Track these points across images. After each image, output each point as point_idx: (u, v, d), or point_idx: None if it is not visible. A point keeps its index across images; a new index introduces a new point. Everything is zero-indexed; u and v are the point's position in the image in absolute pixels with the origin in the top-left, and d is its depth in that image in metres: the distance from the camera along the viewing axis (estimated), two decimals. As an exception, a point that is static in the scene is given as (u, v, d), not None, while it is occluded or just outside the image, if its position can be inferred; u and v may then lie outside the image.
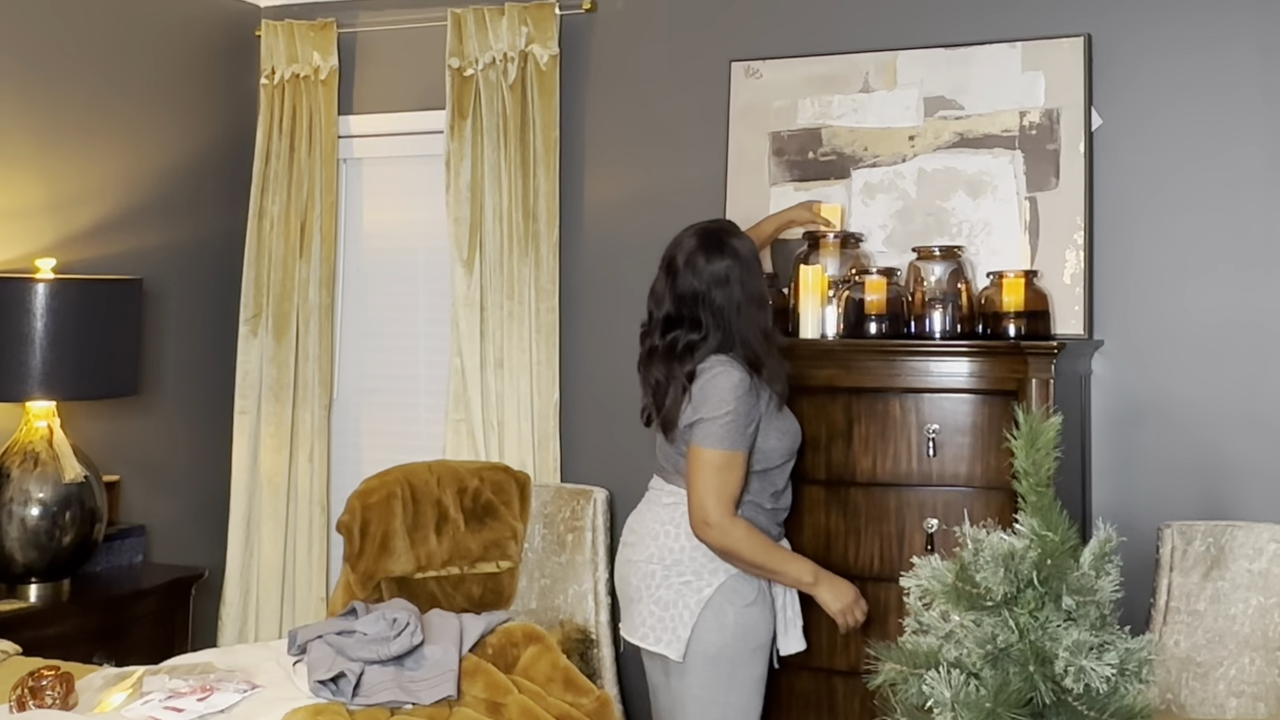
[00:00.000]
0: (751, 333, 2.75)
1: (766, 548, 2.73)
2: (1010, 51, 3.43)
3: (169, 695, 2.47)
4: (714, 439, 2.68)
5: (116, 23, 3.97)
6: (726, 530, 2.68)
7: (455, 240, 3.98)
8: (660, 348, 2.80)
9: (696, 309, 2.76)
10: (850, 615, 2.82)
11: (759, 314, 2.78)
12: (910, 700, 1.60)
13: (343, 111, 4.26)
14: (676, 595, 2.74)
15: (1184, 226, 3.32)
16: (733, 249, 2.78)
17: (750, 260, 2.80)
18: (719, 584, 2.72)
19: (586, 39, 3.99)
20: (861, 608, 2.84)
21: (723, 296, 2.75)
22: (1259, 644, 2.94)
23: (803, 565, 2.80)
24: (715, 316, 2.75)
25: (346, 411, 4.34)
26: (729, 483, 2.69)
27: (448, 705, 2.57)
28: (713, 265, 2.75)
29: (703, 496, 2.68)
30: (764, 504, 2.80)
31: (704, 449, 2.69)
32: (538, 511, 3.70)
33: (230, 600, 4.15)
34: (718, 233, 2.81)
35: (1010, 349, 2.97)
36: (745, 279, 2.77)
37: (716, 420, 2.67)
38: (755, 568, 2.73)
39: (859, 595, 2.83)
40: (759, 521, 2.78)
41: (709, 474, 2.68)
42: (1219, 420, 3.26)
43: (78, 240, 3.81)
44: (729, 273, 2.75)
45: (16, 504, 3.33)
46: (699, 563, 2.74)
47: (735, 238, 2.81)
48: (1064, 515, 1.60)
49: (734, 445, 2.68)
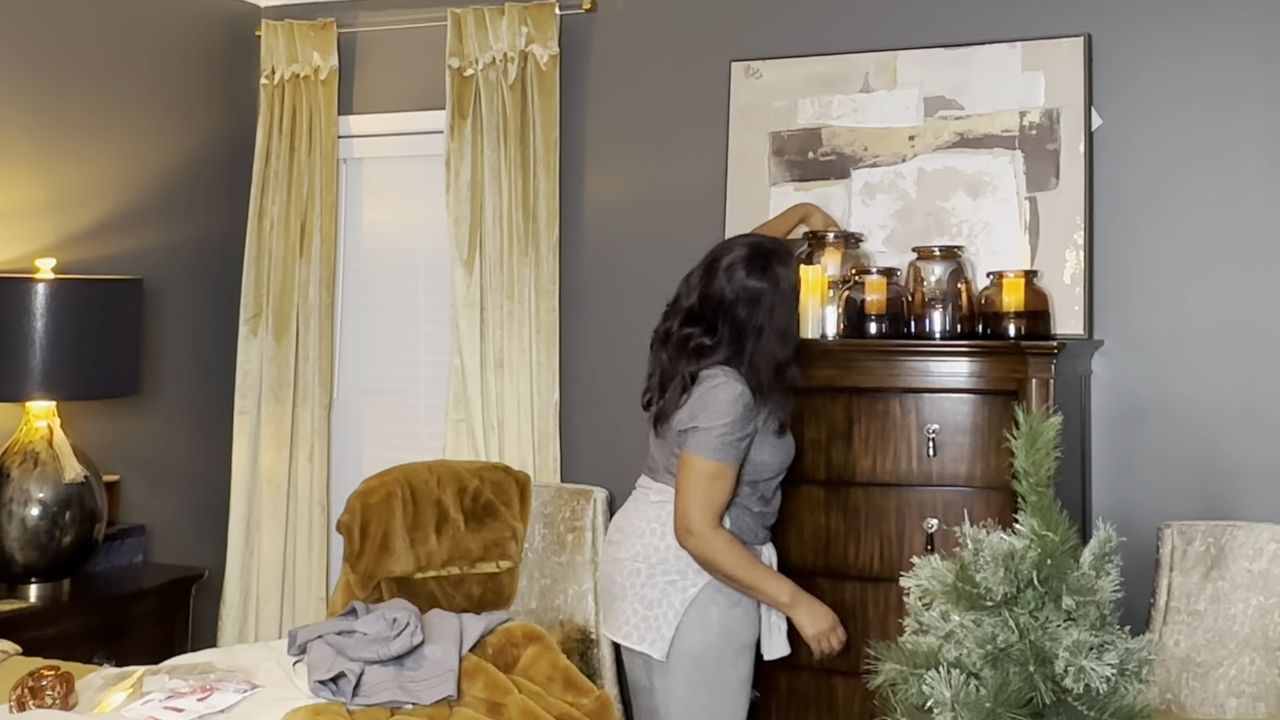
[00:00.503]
0: (763, 361, 2.71)
1: (747, 563, 2.71)
2: (1010, 51, 3.43)
3: (169, 695, 2.47)
4: (706, 449, 2.67)
5: (116, 23, 3.97)
6: (708, 540, 2.67)
7: (455, 240, 3.98)
8: (675, 338, 2.79)
9: (718, 315, 2.73)
10: (825, 641, 2.76)
11: (777, 346, 2.73)
12: (910, 700, 1.60)
13: (343, 111, 4.26)
14: (661, 594, 2.74)
15: (1184, 226, 3.32)
16: (775, 275, 2.73)
17: (788, 293, 2.76)
18: (704, 583, 2.72)
19: (586, 39, 3.99)
20: (839, 636, 2.77)
21: (746, 314, 2.72)
22: (1259, 644, 2.94)
23: (781, 585, 2.75)
24: (733, 330, 2.72)
25: (346, 411, 4.35)
26: (716, 493, 2.68)
27: (448, 705, 2.57)
28: (749, 280, 2.72)
29: (689, 505, 2.68)
30: (751, 507, 2.79)
31: (695, 457, 2.68)
32: (538, 511, 3.70)
33: (230, 600, 4.15)
34: (769, 254, 2.76)
35: (1010, 349, 2.97)
36: (775, 308, 2.73)
37: (712, 431, 2.66)
38: (733, 581, 2.70)
39: (837, 623, 2.77)
40: (745, 522, 2.78)
41: (698, 483, 2.67)
42: (1219, 420, 3.26)
43: (78, 240, 3.81)
44: (761, 295, 2.72)
45: (16, 504, 3.33)
46: (684, 562, 2.73)
47: (783, 265, 2.76)
48: (1064, 515, 1.60)
49: (725, 457, 2.68)
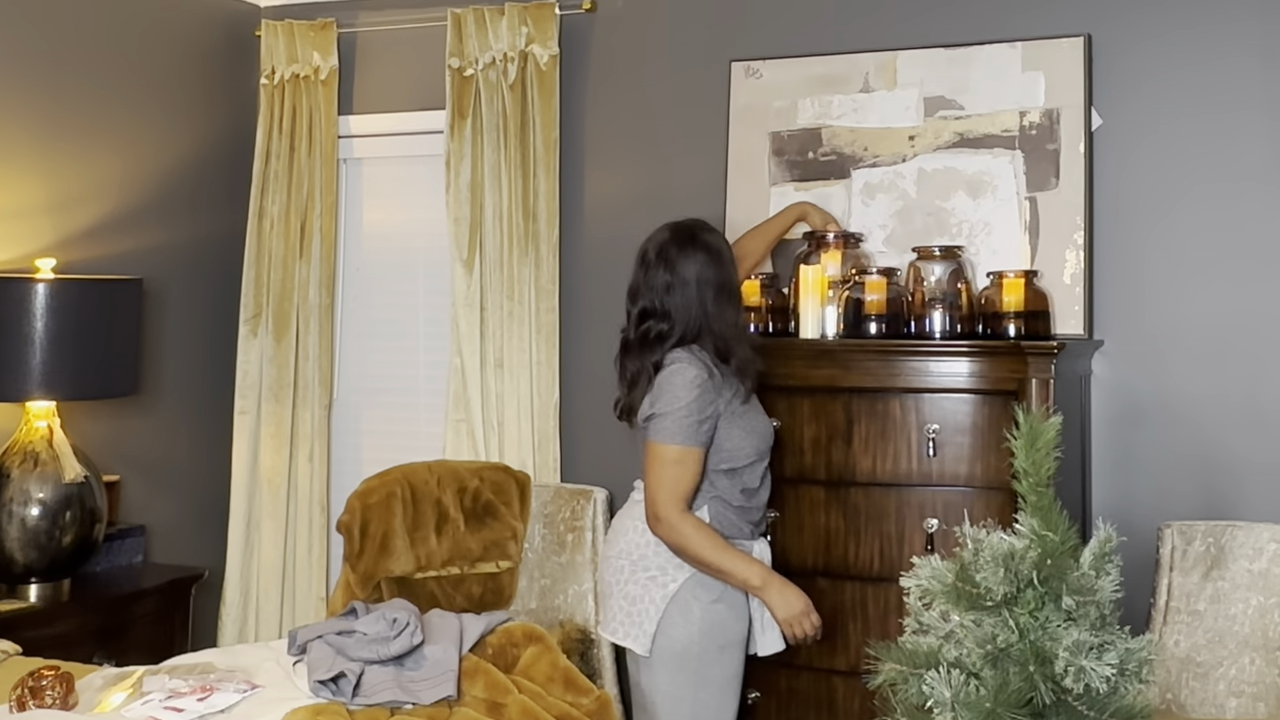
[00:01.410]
0: (720, 324, 2.78)
1: (715, 546, 2.70)
2: (1010, 51, 3.43)
3: (169, 695, 2.47)
4: (666, 434, 2.70)
5: (116, 23, 3.97)
6: (674, 525, 2.68)
7: (455, 240, 3.98)
8: (634, 339, 2.83)
9: (666, 300, 2.79)
10: (798, 626, 2.73)
11: (729, 306, 2.81)
12: (910, 700, 1.60)
13: (343, 111, 4.26)
14: (643, 590, 2.76)
15: (1184, 226, 3.32)
16: (704, 242, 2.82)
17: (721, 253, 2.83)
18: (684, 579, 2.73)
19: (586, 39, 3.99)
20: (813, 621, 2.74)
21: (693, 289, 2.78)
22: (1259, 644, 2.94)
23: (751, 567, 2.73)
24: (683, 306, 2.78)
25: (346, 411, 4.34)
26: (681, 478, 2.70)
27: (448, 705, 2.57)
28: (683, 256, 2.79)
29: (654, 491, 2.71)
30: (732, 501, 2.79)
31: (657, 443, 2.71)
32: (538, 511, 3.70)
33: (230, 600, 4.15)
34: (690, 228, 2.85)
35: (1010, 349, 2.97)
36: (716, 270, 2.80)
37: (670, 415, 2.69)
38: (704, 565, 2.71)
39: (810, 607, 2.74)
40: (727, 517, 2.78)
41: (660, 469, 2.70)
42: (1219, 420, 3.26)
43: (78, 240, 3.81)
44: (699, 264, 2.79)
45: (16, 504, 3.33)
46: (664, 558, 2.75)
47: (707, 233, 2.86)
48: (1064, 515, 1.60)
49: (686, 440, 2.69)
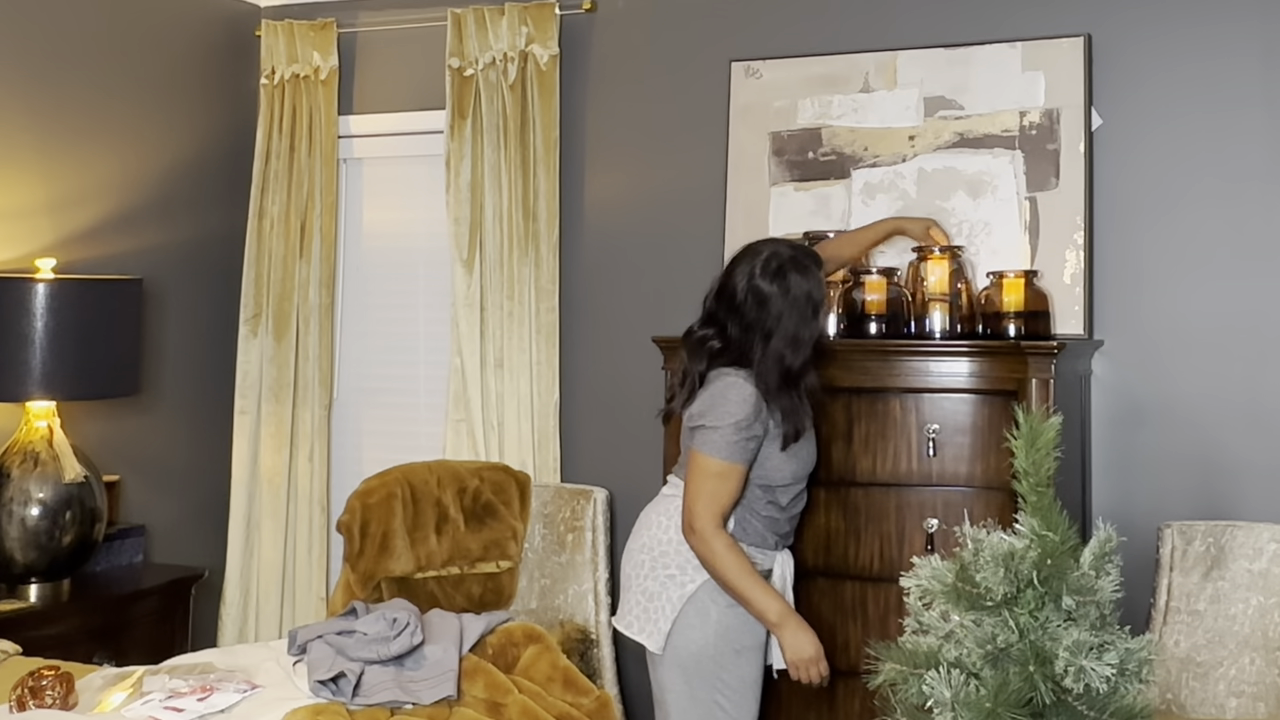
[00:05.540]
0: (769, 366, 2.68)
1: (742, 571, 2.66)
2: (1010, 51, 3.43)
3: (169, 695, 2.47)
4: (713, 447, 2.66)
5: (116, 23, 3.97)
6: (707, 540, 2.66)
7: (455, 240, 3.98)
8: (694, 339, 2.79)
9: (729, 317, 2.73)
10: (804, 671, 2.70)
11: (786, 352, 2.68)
12: (910, 700, 1.60)
13: (343, 111, 4.26)
14: (661, 587, 2.74)
15: (1184, 226, 3.31)
16: (788, 282, 2.69)
17: (799, 300, 2.69)
18: (702, 580, 2.71)
19: (586, 39, 3.99)
20: (820, 670, 2.70)
21: (755, 317, 2.69)
22: (1259, 644, 2.94)
23: (771, 601, 2.68)
24: (741, 332, 2.71)
25: (346, 411, 4.34)
26: (721, 493, 2.67)
27: (448, 705, 2.58)
28: (760, 283, 2.70)
29: (693, 501, 2.68)
30: (759, 510, 2.77)
31: (703, 455, 2.68)
32: (538, 511, 3.70)
33: (230, 600, 4.15)
34: (786, 260, 2.72)
35: (1010, 349, 2.97)
36: (784, 314, 2.68)
37: (719, 429, 2.65)
38: (726, 586, 2.68)
39: (821, 655, 2.70)
40: (752, 525, 2.76)
41: (704, 481, 2.67)
42: (1219, 420, 3.25)
43: (78, 240, 3.81)
44: (770, 299, 2.68)
45: (16, 504, 3.33)
46: (684, 557, 2.73)
47: (799, 273, 2.71)
48: (1064, 515, 1.60)
49: (732, 457, 2.66)
